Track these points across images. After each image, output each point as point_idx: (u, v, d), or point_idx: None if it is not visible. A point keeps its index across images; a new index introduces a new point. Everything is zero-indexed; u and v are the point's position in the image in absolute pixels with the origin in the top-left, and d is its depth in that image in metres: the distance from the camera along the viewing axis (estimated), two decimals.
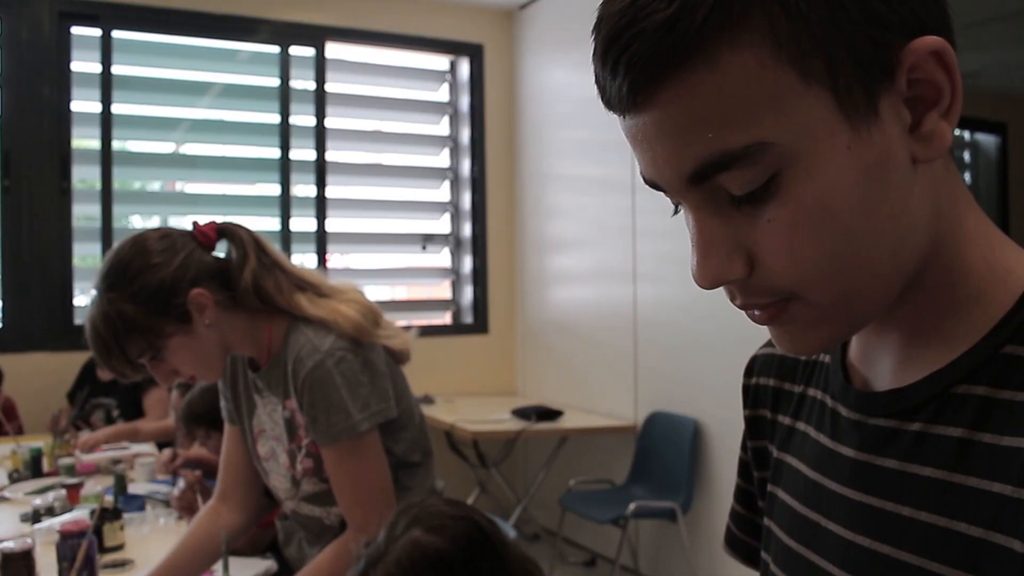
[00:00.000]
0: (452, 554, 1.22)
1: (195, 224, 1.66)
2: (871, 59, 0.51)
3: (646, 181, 0.59)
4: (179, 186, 5.07)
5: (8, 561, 1.85)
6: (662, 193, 0.59)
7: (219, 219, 1.69)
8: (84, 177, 4.45)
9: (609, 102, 0.57)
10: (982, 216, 0.60)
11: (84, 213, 4.47)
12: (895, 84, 0.52)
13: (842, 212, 0.52)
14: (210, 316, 1.60)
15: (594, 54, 0.55)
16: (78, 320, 4.29)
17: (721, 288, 0.59)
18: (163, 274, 1.56)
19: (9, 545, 1.90)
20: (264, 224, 4.69)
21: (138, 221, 4.96)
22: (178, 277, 1.57)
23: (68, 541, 1.91)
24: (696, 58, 0.50)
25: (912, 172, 0.54)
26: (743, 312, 0.60)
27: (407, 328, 1.80)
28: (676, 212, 0.60)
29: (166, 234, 1.61)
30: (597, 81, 0.57)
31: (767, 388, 0.77)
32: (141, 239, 1.59)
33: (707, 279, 0.56)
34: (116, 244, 1.59)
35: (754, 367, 0.80)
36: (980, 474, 0.53)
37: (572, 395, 4.63)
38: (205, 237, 1.64)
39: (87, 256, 4.50)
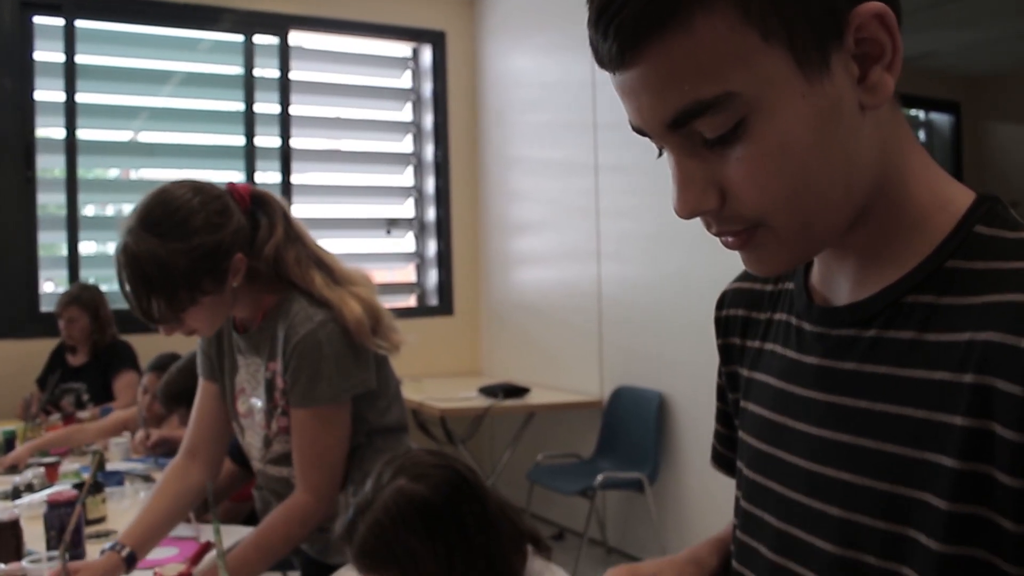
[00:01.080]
0: (436, 500, 1.30)
1: (233, 186, 1.68)
2: (823, 22, 0.61)
3: (634, 128, 0.68)
4: (134, 174, 5.05)
5: None
6: (647, 138, 0.68)
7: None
8: (48, 166, 4.45)
9: (601, 61, 0.67)
10: (925, 155, 0.70)
11: (48, 202, 4.46)
12: (844, 42, 0.62)
13: (799, 150, 0.62)
14: (237, 280, 1.64)
15: (588, 20, 0.65)
16: (44, 307, 4.30)
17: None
18: (220, 236, 1.59)
19: None
20: None
21: (100, 210, 4.96)
22: (231, 241, 1.61)
23: (56, 510, 1.96)
24: (674, 23, 0.60)
25: (860, 117, 0.64)
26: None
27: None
28: (660, 155, 0.70)
29: (219, 195, 1.62)
30: (591, 43, 0.66)
31: (736, 318, 0.87)
32: (202, 193, 1.60)
33: (685, 210, 0.65)
34: (168, 191, 1.59)
35: (724, 300, 0.91)
36: (926, 367, 0.63)
37: (538, 373, 4.72)
38: (243, 200, 1.67)
39: (52, 244, 4.50)
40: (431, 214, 5.33)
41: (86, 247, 4.57)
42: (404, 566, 1.28)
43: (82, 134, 4.46)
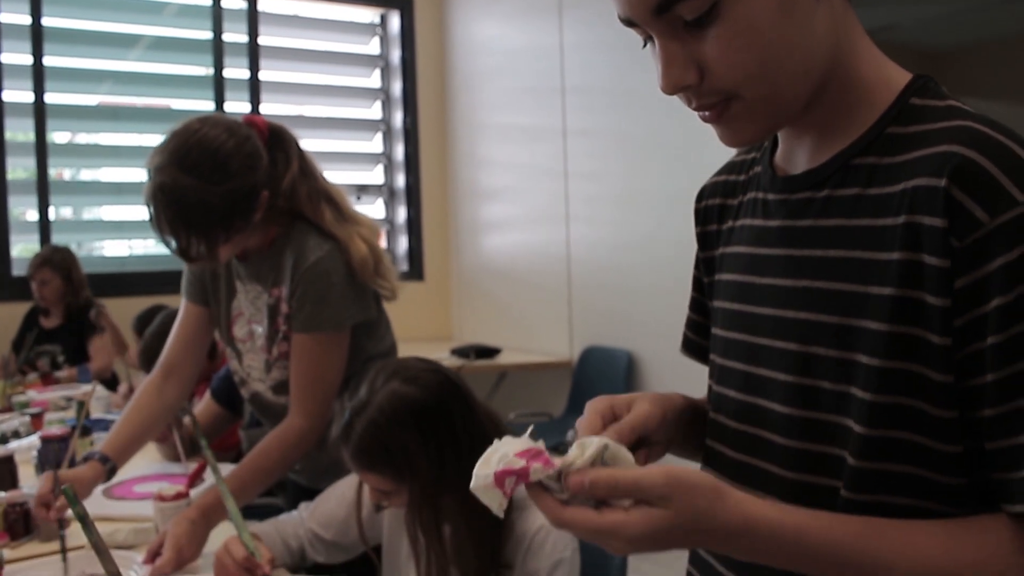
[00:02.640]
0: (427, 401, 1.39)
1: (251, 119, 1.71)
2: None
3: (621, 20, 0.78)
4: (95, 138, 5.02)
5: None
6: (633, 29, 0.78)
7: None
8: (17, 130, 4.44)
9: None
10: (870, 42, 0.81)
11: (18, 166, 4.45)
12: None
13: (765, 29, 0.72)
14: (260, 215, 1.68)
15: None
16: (16, 271, 4.30)
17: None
18: (255, 177, 1.63)
19: None
20: None
21: (73, 174, 4.95)
22: (262, 181, 1.65)
23: (50, 445, 2.02)
24: None
25: (816, 4, 0.74)
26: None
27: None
28: (644, 46, 0.79)
29: (249, 135, 1.66)
30: None
31: (713, 207, 0.97)
32: (235, 134, 1.62)
33: (669, 86, 0.76)
34: (203, 132, 1.60)
35: (704, 193, 1.00)
36: (869, 215, 0.74)
37: (509, 336, 4.81)
38: (262, 135, 1.70)
39: (22, 209, 4.49)
40: (400, 181, 5.38)
41: (56, 211, 4.57)
42: (398, 463, 1.36)
43: (50, 98, 4.45)
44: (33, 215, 4.45)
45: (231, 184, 1.61)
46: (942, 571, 0.68)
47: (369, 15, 5.42)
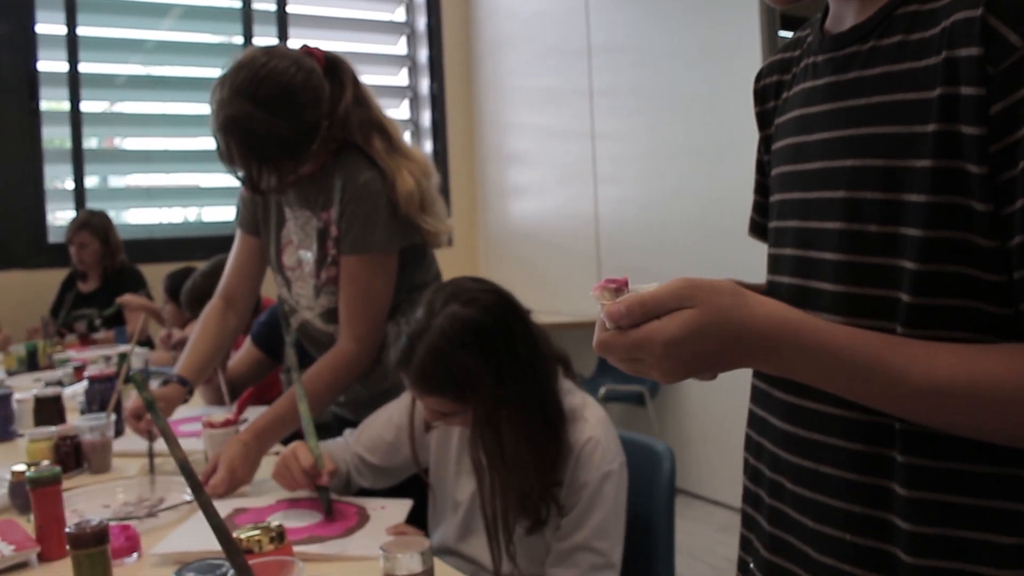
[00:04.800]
0: (488, 322, 1.41)
1: (308, 49, 1.73)
2: None
3: None
4: (127, 107, 5.08)
5: (41, 404, 2.00)
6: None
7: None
8: (52, 99, 4.50)
9: None
10: None
11: (54, 135, 4.51)
12: None
13: None
14: (317, 144, 1.71)
15: None
16: (52, 239, 4.37)
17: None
18: (320, 109, 1.66)
19: (41, 391, 2.05)
20: None
21: (104, 143, 5.01)
22: (326, 112, 1.68)
23: (96, 385, 2.07)
24: None
25: None
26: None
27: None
28: None
29: (312, 67, 1.68)
30: None
31: (771, 84, 0.99)
32: (301, 67, 1.64)
33: None
34: (272, 65, 1.62)
35: (762, 74, 1.02)
36: (912, 59, 0.76)
37: (538, 298, 4.81)
38: (320, 64, 1.72)
39: (58, 178, 4.55)
40: (428, 146, 5.40)
41: (91, 180, 4.64)
42: (461, 385, 1.39)
43: (84, 67, 4.50)
44: (68, 183, 4.52)
45: (300, 117, 1.64)
46: (957, 381, 0.69)
47: None
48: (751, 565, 0.91)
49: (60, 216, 4.51)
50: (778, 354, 0.73)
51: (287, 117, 1.62)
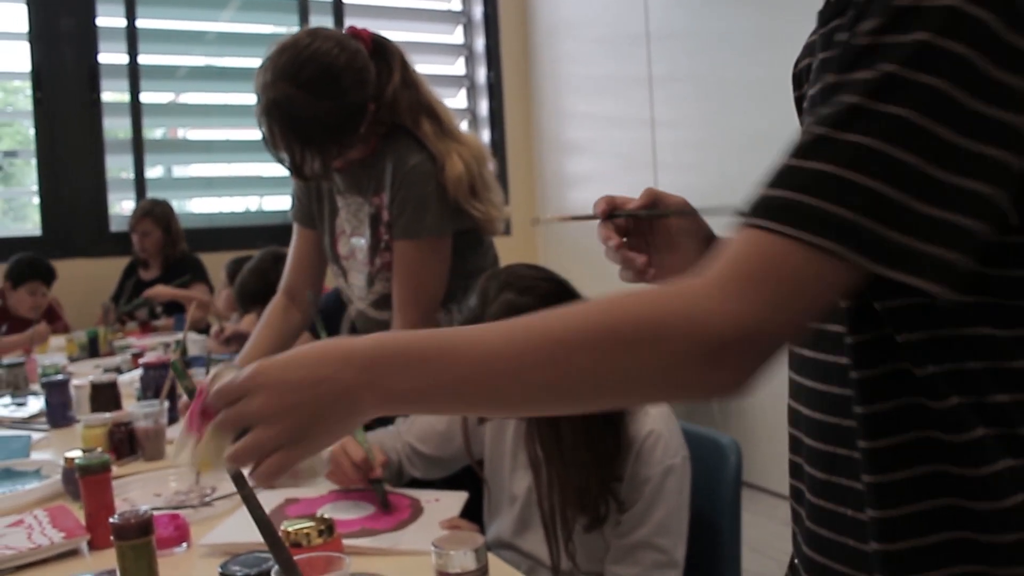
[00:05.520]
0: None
1: (355, 30, 1.70)
2: None
3: None
4: (186, 98, 5.12)
5: (97, 390, 2.00)
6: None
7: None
8: (112, 91, 4.55)
9: None
10: None
11: (114, 126, 4.56)
12: None
13: None
14: (364, 127, 1.67)
15: None
16: (115, 228, 4.42)
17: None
18: (365, 91, 1.63)
19: (97, 377, 2.05)
20: None
21: (164, 134, 5.06)
22: (372, 95, 1.64)
23: (151, 372, 2.06)
24: None
25: None
26: None
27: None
28: None
29: (358, 48, 1.64)
30: None
31: (804, 68, 0.90)
32: (345, 48, 1.61)
33: None
34: (315, 47, 1.59)
35: (799, 59, 0.93)
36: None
37: (597, 288, 4.71)
38: (366, 46, 1.69)
39: (123, 168, 4.60)
40: (485, 136, 5.35)
41: (156, 170, 4.69)
42: None
43: (145, 59, 4.54)
44: (129, 174, 4.56)
45: (344, 99, 1.60)
46: (532, 333, 0.67)
47: None
48: (795, 561, 0.85)
49: (123, 206, 4.55)
50: (386, 366, 0.68)
51: (330, 99, 1.58)
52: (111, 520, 1.05)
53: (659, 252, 0.99)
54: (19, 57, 4.32)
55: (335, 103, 1.59)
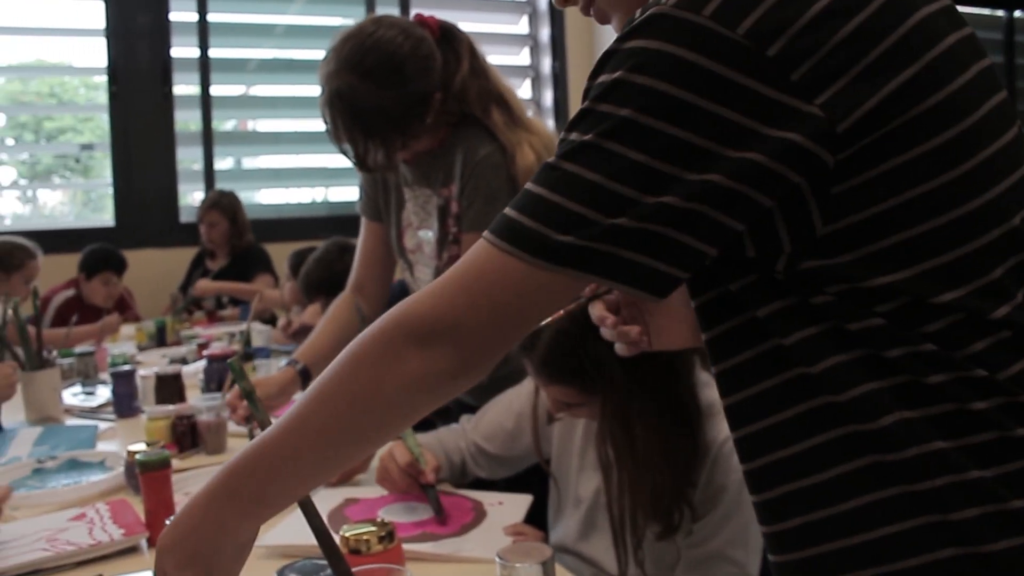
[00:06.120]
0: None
1: (421, 18, 1.66)
2: None
3: None
4: (257, 91, 5.15)
5: (161, 381, 2.00)
6: None
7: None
8: (184, 84, 4.59)
9: None
10: None
11: (186, 119, 4.61)
12: None
13: None
14: (431, 117, 1.62)
15: None
16: (184, 218, 4.48)
17: None
18: (430, 80, 1.57)
19: (162, 368, 2.05)
20: None
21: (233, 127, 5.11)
22: (437, 83, 1.59)
23: (214, 364, 2.06)
24: None
25: None
26: None
27: None
28: None
29: (423, 36, 1.59)
30: None
31: None
32: (409, 36, 1.56)
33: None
34: (378, 35, 1.55)
35: None
36: None
37: None
38: (432, 34, 1.64)
39: (190, 160, 4.65)
40: (550, 127, 5.28)
41: (227, 161, 4.73)
42: (589, 374, 1.27)
43: (215, 52, 4.58)
44: (199, 166, 4.61)
45: (408, 88, 1.55)
46: (314, 390, 0.75)
47: None
48: None
49: (195, 197, 4.60)
50: (236, 484, 0.78)
51: (394, 88, 1.54)
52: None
53: (653, 316, 1.02)
54: (97, 53, 4.40)
55: (399, 92, 1.54)
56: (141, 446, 1.48)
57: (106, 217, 4.43)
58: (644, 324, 1.01)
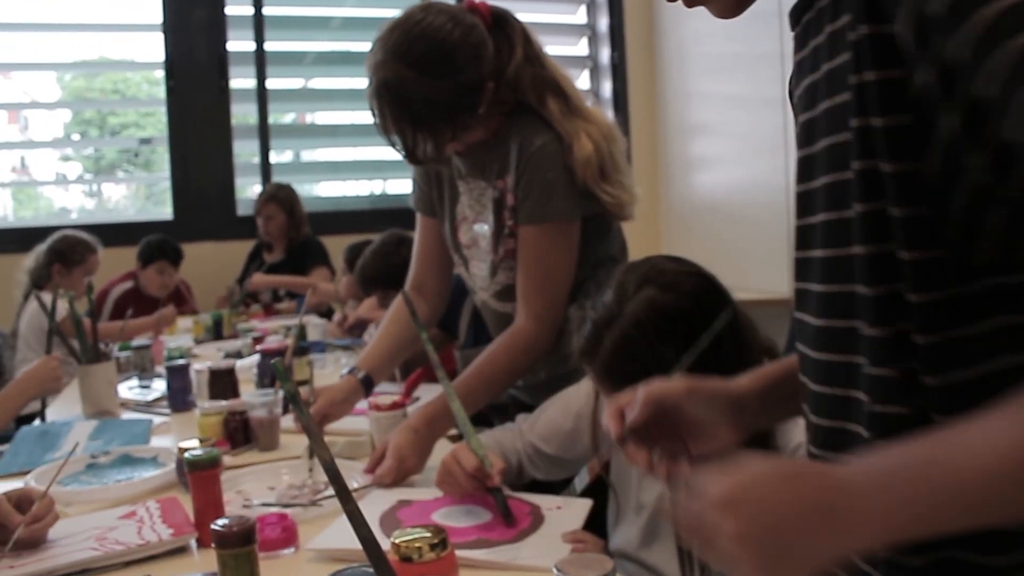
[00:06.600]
0: (691, 310, 1.21)
1: (473, 5, 1.60)
2: None
3: None
4: (315, 84, 5.16)
5: (215, 376, 1.98)
6: None
7: None
8: (241, 78, 4.61)
9: None
10: None
11: (245, 112, 4.62)
12: None
13: None
14: (484, 107, 1.57)
15: None
16: (241, 211, 4.49)
17: None
18: (481, 69, 1.52)
19: (215, 363, 2.03)
20: None
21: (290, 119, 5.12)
22: (489, 72, 1.54)
23: (268, 359, 2.03)
24: None
25: None
26: None
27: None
28: None
29: (474, 23, 1.54)
30: None
31: (795, 92, 0.85)
32: (460, 23, 1.51)
33: None
34: (426, 22, 1.49)
35: (791, 82, 0.88)
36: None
37: (723, 274, 4.47)
38: (484, 20, 1.58)
39: (246, 153, 4.67)
40: (608, 118, 5.20)
41: (286, 154, 4.74)
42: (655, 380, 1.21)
43: (271, 46, 4.58)
44: (257, 159, 4.63)
45: (458, 77, 1.50)
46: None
47: None
48: None
49: (254, 190, 4.62)
50: (883, 492, 0.58)
51: (443, 78, 1.48)
52: (212, 527, 0.98)
53: (692, 437, 0.92)
54: (155, 48, 4.43)
55: (448, 82, 1.49)
56: (193, 443, 1.46)
57: (167, 210, 4.47)
58: (681, 438, 0.91)
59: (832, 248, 0.73)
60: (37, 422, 2.07)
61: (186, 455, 1.27)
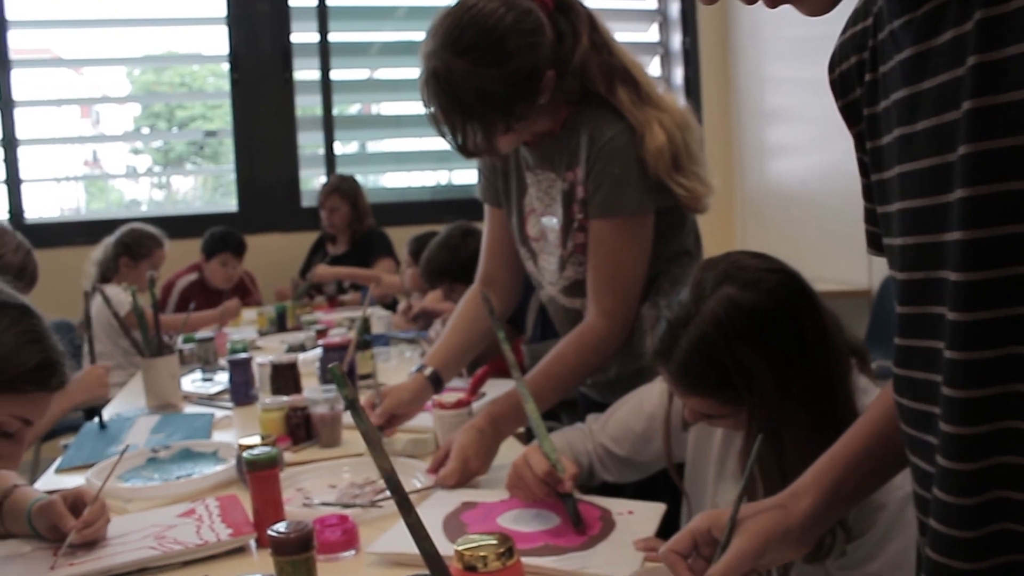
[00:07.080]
0: (772, 308, 1.13)
1: None
2: None
3: None
4: (381, 74, 5.15)
5: (277, 370, 1.95)
6: None
7: None
8: (305, 69, 4.61)
9: None
10: None
11: (310, 103, 4.62)
12: None
13: None
14: (546, 98, 1.50)
15: None
16: (305, 203, 4.50)
17: None
18: (536, 57, 1.45)
19: (278, 357, 2.00)
20: None
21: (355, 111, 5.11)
22: (546, 59, 1.46)
23: (330, 353, 2.00)
24: None
25: None
26: None
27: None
28: None
29: (529, 8, 1.46)
30: None
31: (850, 70, 0.80)
32: (513, 8, 1.43)
33: None
34: (478, 8, 1.43)
35: (835, 59, 0.83)
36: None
37: (799, 265, 4.31)
38: (545, 7, 1.50)
39: (310, 145, 4.67)
40: (680, 104, 5.09)
41: (351, 145, 4.73)
42: (734, 384, 1.12)
43: (335, 37, 4.57)
44: (320, 149, 4.63)
45: (510, 65, 1.42)
46: None
47: None
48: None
49: (318, 182, 4.62)
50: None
51: (494, 66, 1.40)
52: (269, 533, 0.93)
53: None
54: (219, 41, 4.46)
55: (499, 71, 1.41)
56: (254, 439, 1.42)
57: (232, 202, 4.50)
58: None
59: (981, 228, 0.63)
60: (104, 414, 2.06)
61: (245, 455, 1.23)
